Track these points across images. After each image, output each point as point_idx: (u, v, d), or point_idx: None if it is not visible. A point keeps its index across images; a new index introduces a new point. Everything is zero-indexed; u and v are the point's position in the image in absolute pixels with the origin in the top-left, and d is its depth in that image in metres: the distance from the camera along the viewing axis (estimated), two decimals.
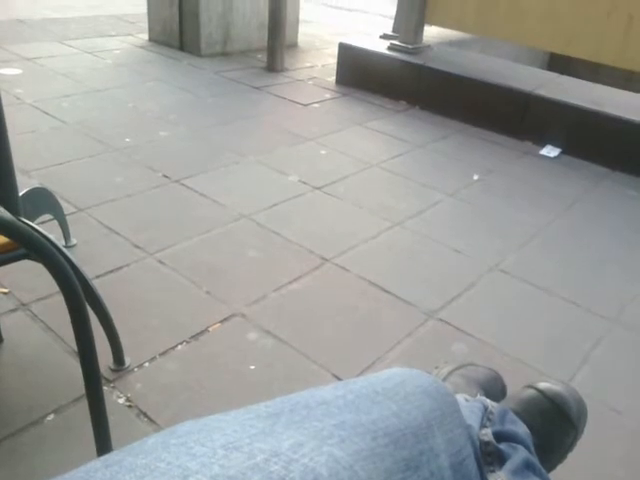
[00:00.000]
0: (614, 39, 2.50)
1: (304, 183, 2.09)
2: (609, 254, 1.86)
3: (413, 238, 1.84)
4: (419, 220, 1.94)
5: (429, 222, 1.94)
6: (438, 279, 1.64)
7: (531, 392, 0.92)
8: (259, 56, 3.47)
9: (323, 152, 2.38)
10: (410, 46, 3.07)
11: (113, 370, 1.20)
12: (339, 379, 1.24)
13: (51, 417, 1.08)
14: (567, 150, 2.55)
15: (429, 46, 3.15)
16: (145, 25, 3.66)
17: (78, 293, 1.01)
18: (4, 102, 0.92)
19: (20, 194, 1.38)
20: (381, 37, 3.29)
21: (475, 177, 2.29)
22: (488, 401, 0.77)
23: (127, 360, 1.22)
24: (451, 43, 3.41)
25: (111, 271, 1.51)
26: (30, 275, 1.40)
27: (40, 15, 3.89)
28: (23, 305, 1.36)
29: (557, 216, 2.06)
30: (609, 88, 2.80)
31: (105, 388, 1.13)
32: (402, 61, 3.03)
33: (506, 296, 1.60)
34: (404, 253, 1.76)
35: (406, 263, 1.71)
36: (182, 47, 3.50)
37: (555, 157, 2.53)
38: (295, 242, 1.73)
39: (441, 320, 1.46)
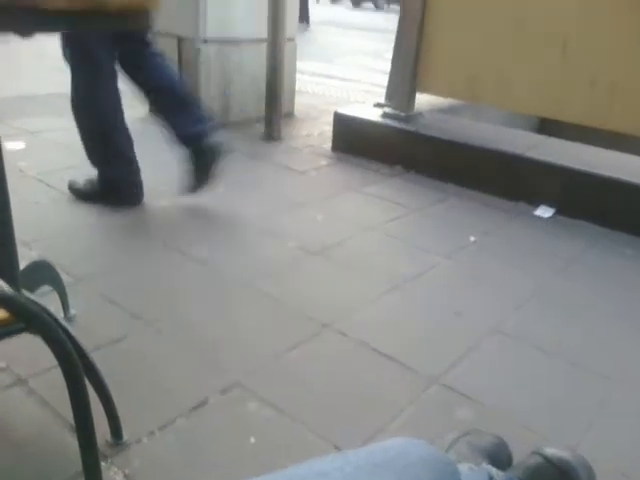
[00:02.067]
0: (600, 104, 2.59)
1: (302, 249, 2.11)
2: (608, 313, 1.86)
3: (412, 301, 1.84)
4: (418, 283, 1.95)
5: (428, 285, 1.95)
6: (439, 343, 1.63)
7: (537, 459, 0.90)
8: (257, 126, 3.57)
9: (320, 217, 2.41)
10: (403, 114, 3.16)
11: (111, 445, 1.17)
12: (341, 450, 1.21)
13: None
14: (561, 210, 2.59)
15: (421, 113, 3.25)
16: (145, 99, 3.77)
17: (76, 366, 1.00)
18: (8, 175, 0.94)
19: (21, 267, 1.40)
20: (375, 105, 3.39)
21: (472, 239, 2.31)
22: (494, 470, 0.76)
23: (125, 434, 1.19)
24: (442, 110, 3.51)
25: (110, 342, 1.50)
26: (28, 349, 1.39)
27: (45, 91, 4.02)
28: (20, 380, 1.34)
29: (554, 276, 2.07)
30: (598, 149, 2.87)
31: (103, 464, 1.10)
32: (396, 128, 3.11)
33: (507, 359, 1.59)
34: (404, 317, 1.75)
35: (406, 327, 1.70)
36: None
37: (549, 217, 2.57)
38: (294, 308, 1.73)
39: (444, 386, 1.44)
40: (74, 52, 2.13)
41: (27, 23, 0.93)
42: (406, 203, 2.63)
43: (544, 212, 2.59)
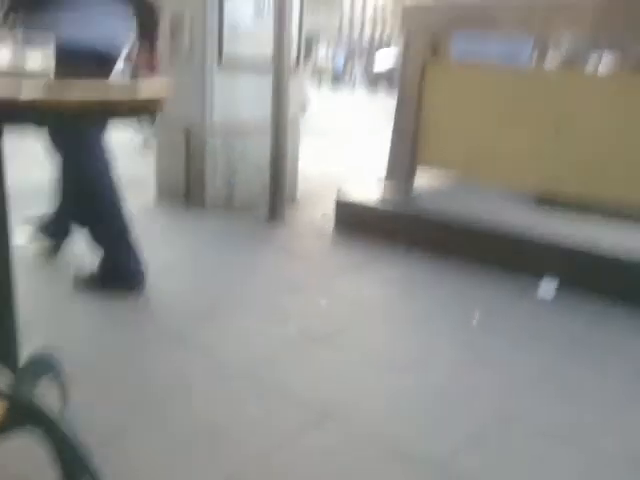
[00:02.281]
0: (594, 179, 2.65)
1: (304, 334, 2.11)
2: (618, 394, 1.82)
3: (417, 387, 1.82)
4: (422, 367, 1.93)
5: (432, 369, 1.93)
6: (446, 430, 1.60)
7: None
8: (261, 209, 3.65)
9: (323, 301, 2.42)
10: (403, 194, 3.24)
11: None
12: None
13: None
14: (565, 287, 2.59)
15: (421, 194, 3.33)
16: (153, 186, 3.89)
17: (73, 465, 0.99)
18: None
19: (23, 357, 1.40)
20: (376, 186, 3.48)
21: (475, 319, 2.30)
22: None
23: None
24: (442, 190, 3.59)
25: (108, 437, 1.48)
26: (26, 446, 1.37)
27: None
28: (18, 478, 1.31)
29: (560, 356, 2.05)
30: (596, 224, 2.90)
31: None
32: (396, 209, 3.18)
33: (516, 445, 1.54)
34: (409, 404, 1.72)
35: (411, 414, 1.67)
36: (187, 204, 3.69)
37: (553, 294, 2.56)
38: (296, 397, 1.71)
39: (453, 476, 1.40)
40: (68, 139, 2.21)
41: (49, 119, 1.00)
42: (409, 284, 2.65)
43: (548, 289, 2.59)
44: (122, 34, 2.24)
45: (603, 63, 7.99)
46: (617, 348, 2.14)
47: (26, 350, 1.36)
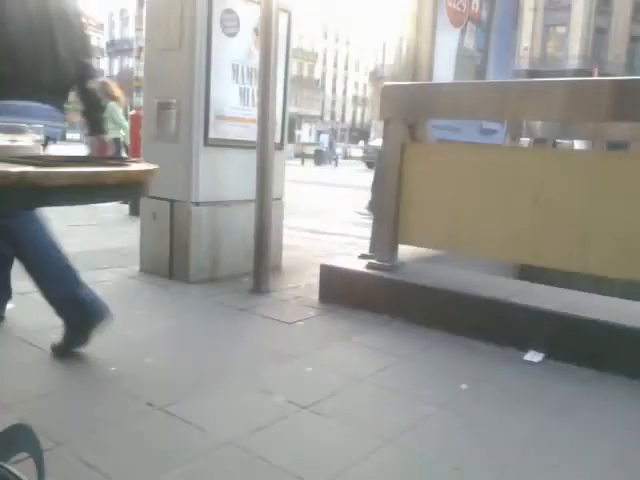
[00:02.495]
0: (573, 249, 2.70)
1: (291, 403, 2.06)
2: (607, 457, 1.79)
3: (407, 456, 1.76)
4: (411, 436, 1.88)
5: (422, 437, 1.88)
6: None
7: None
8: (245, 279, 3.64)
9: (309, 369, 2.38)
10: (387, 264, 3.26)
11: None
12: None
13: None
14: (550, 354, 2.58)
15: (404, 263, 3.36)
16: (137, 257, 3.88)
17: None
18: None
19: None
20: (359, 257, 3.51)
21: (463, 387, 2.27)
22: None
23: None
24: (425, 259, 3.64)
25: None
26: None
27: None
28: None
29: (550, 423, 2.02)
30: (580, 292, 2.94)
31: None
32: (381, 278, 3.19)
33: None
34: (399, 474, 1.67)
35: None
36: (171, 276, 3.68)
37: (539, 362, 2.55)
38: (283, 468, 1.65)
39: None
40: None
41: (31, 199, 1.00)
42: (395, 352, 2.62)
43: (533, 357, 2.58)
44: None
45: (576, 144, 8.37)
46: (605, 412, 2.11)
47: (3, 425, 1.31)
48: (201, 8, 3.44)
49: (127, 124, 7.24)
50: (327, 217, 7.77)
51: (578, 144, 8.34)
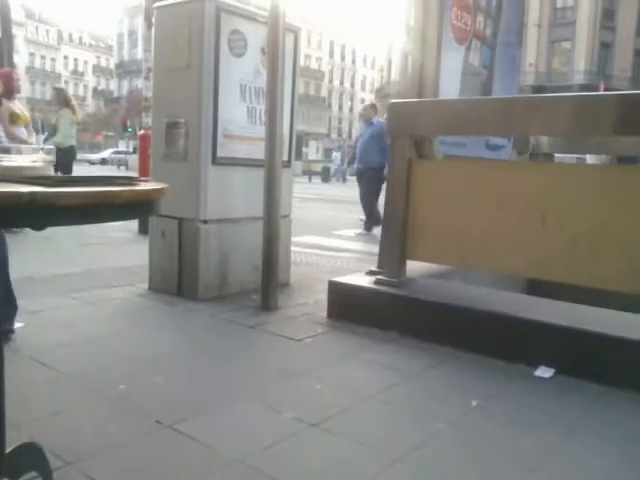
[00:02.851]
0: (581, 264, 2.69)
1: (300, 420, 2.05)
2: (623, 474, 1.76)
3: (417, 474, 1.75)
4: (422, 454, 1.87)
5: (432, 456, 1.87)
6: None
7: None
8: (254, 297, 3.64)
9: (318, 386, 2.37)
10: (395, 280, 3.26)
11: None
12: None
13: None
14: (561, 369, 2.56)
15: (413, 279, 3.35)
16: (146, 275, 3.90)
17: None
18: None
19: (8, 451, 1.35)
20: (367, 273, 3.51)
21: (473, 403, 2.26)
22: None
23: None
24: (433, 275, 3.63)
25: None
26: None
27: (50, 272, 4.17)
28: None
29: (562, 441, 2.00)
30: (589, 307, 2.92)
31: None
32: (389, 294, 3.19)
33: None
34: None
35: None
36: (180, 293, 3.69)
37: (550, 377, 2.53)
38: None
39: None
40: None
41: (42, 219, 1.01)
42: (404, 369, 2.61)
43: (544, 372, 2.56)
44: None
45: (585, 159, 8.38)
46: (618, 428, 2.09)
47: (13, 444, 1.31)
48: (208, 29, 3.49)
49: (73, 132, 7.44)
50: (334, 233, 7.78)
51: (590, 159, 8.35)
